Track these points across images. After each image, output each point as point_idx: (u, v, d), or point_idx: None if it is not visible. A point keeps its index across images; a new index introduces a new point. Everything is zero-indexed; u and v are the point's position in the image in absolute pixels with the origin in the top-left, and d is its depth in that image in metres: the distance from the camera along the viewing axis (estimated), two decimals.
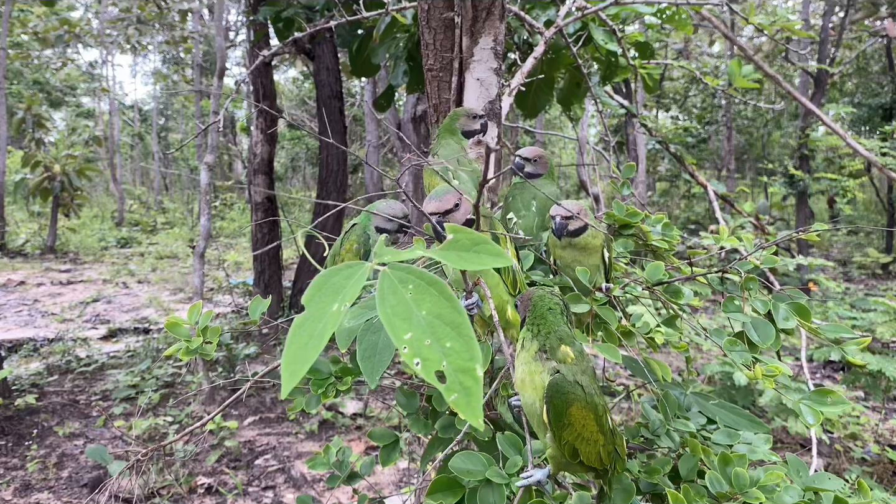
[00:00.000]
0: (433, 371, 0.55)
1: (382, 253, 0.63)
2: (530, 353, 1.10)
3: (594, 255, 1.40)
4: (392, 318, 0.57)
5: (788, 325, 1.29)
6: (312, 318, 0.58)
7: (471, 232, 0.65)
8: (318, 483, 4.42)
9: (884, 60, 14.96)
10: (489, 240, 0.64)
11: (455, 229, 0.65)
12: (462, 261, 0.62)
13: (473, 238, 0.64)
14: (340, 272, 0.61)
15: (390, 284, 0.59)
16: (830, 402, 1.20)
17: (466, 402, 0.54)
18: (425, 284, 0.59)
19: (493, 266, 0.62)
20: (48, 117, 16.95)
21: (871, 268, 12.50)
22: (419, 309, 0.57)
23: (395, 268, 0.60)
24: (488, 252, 0.63)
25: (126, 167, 29.80)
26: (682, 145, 15.42)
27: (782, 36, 3.28)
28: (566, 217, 1.36)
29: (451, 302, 0.58)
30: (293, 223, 12.26)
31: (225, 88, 16.19)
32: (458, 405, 0.54)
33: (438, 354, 0.55)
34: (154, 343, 7.18)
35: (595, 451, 1.07)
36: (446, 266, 1.24)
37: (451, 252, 0.63)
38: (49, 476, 4.37)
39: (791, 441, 4.64)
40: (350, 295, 0.58)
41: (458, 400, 0.54)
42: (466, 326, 0.57)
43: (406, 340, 0.55)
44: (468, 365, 0.55)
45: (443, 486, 1.09)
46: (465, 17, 1.98)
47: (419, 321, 0.57)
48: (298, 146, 23.17)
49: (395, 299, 0.58)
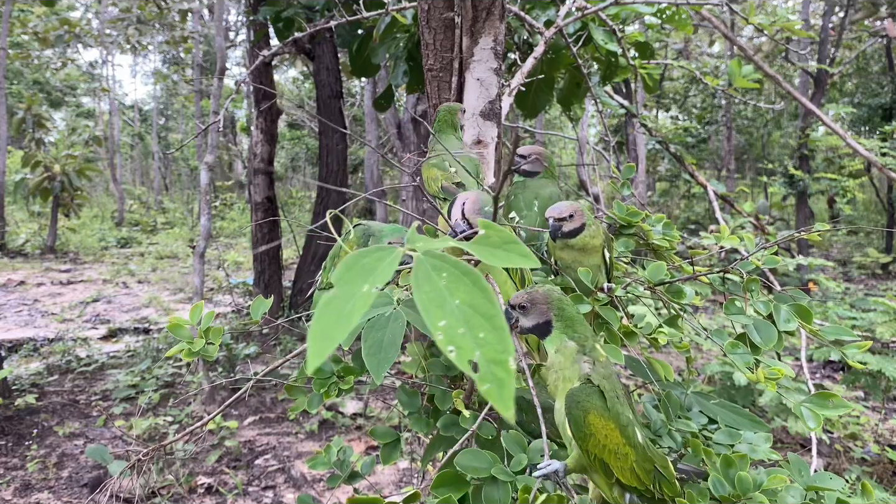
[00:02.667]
0: (466, 360, 0.55)
1: (414, 239, 0.63)
2: (568, 358, 1.07)
3: (594, 255, 1.40)
4: (427, 304, 0.57)
5: (790, 327, 1.29)
6: (342, 298, 0.57)
7: (503, 230, 0.65)
8: (319, 483, 4.42)
9: (884, 60, 14.96)
10: (518, 239, 0.65)
11: (487, 225, 0.66)
12: (493, 257, 0.63)
13: (504, 236, 0.64)
14: (371, 254, 0.61)
15: (424, 271, 0.59)
16: (831, 404, 1.20)
17: (499, 393, 0.54)
18: (459, 273, 0.59)
19: (523, 266, 0.62)
20: (48, 117, 16.94)
21: (871, 268, 12.51)
22: (452, 297, 0.57)
23: (429, 255, 0.60)
24: (517, 252, 0.63)
25: (126, 167, 29.80)
26: (682, 145, 15.42)
27: (782, 36, 3.28)
28: (559, 219, 1.36)
29: (485, 293, 0.58)
30: (293, 223, 12.26)
31: (225, 88, 16.17)
32: (491, 395, 0.54)
33: (472, 344, 0.55)
34: (154, 343, 7.18)
35: (628, 467, 1.03)
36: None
37: (483, 247, 0.64)
38: (49, 476, 4.37)
39: (791, 441, 4.65)
40: (382, 277, 0.58)
41: (491, 390, 0.54)
42: (500, 318, 0.57)
43: (441, 328, 0.56)
44: (501, 357, 0.55)
45: (447, 481, 1.09)
46: (465, 17, 1.98)
47: (453, 309, 0.57)
48: (298, 146, 23.17)
49: (430, 286, 0.58)
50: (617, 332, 1.32)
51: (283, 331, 7.32)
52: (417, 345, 1.48)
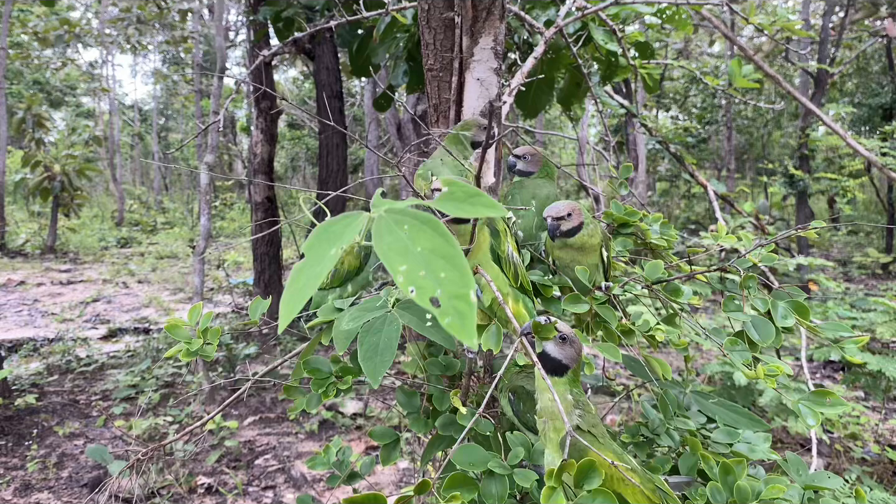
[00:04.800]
0: (427, 297, 0.56)
1: (379, 203, 0.65)
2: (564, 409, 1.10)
3: (592, 254, 1.40)
4: (388, 252, 0.59)
5: (787, 323, 1.29)
6: (310, 263, 0.61)
7: (466, 184, 0.67)
8: (318, 483, 4.42)
9: (884, 60, 14.95)
10: (483, 192, 0.66)
11: (450, 182, 0.67)
12: (458, 210, 0.64)
13: (468, 190, 0.66)
14: (339, 221, 0.64)
15: (386, 225, 0.61)
16: (830, 403, 1.21)
17: (461, 325, 0.56)
18: (420, 223, 0.61)
19: (489, 214, 0.65)
20: (48, 117, 16.95)
21: (871, 268, 12.50)
22: (415, 245, 0.59)
23: (391, 212, 0.62)
24: (483, 203, 0.65)
25: (126, 167, 29.80)
26: (682, 145, 15.41)
27: (782, 36, 3.27)
28: (557, 218, 1.36)
29: (446, 237, 0.60)
30: (293, 223, 12.25)
31: (225, 89, 16.19)
32: (453, 327, 0.56)
33: (433, 284, 0.57)
34: (154, 343, 7.18)
35: (638, 491, 1.05)
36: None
37: (448, 202, 0.65)
38: (49, 476, 4.37)
39: (791, 441, 4.65)
40: (347, 240, 0.61)
41: (453, 322, 0.56)
42: (460, 258, 0.59)
43: (401, 271, 0.57)
44: (462, 291, 0.57)
45: (458, 483, 1.09)
46: (465, 17, 1.98)
47: (414, 255, 0.59)
48: (298, 146, 23.17)
49: (392, 237, 0.60)
50: (615, 330, 1.33)
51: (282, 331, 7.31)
52: (416, 345, 1.49)
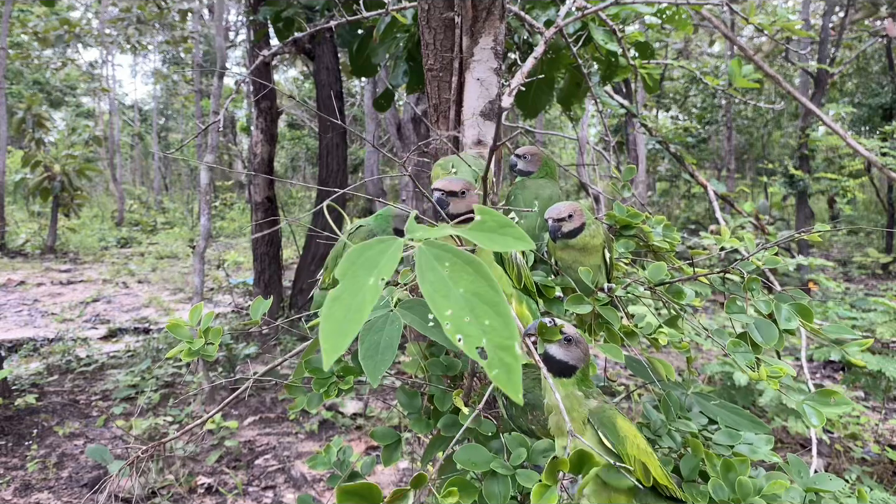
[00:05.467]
0: (474, 347, 0.56)
1: (414, 229, 0.63)
2: (575, 404, 1.11)
3: (594, 255, 1.40)
4: (433, 294, 0.58)
5: (791, 326, 1.29)
6: (349, 292, 0.58)
7: (498, 214, 0.66)
8: (319, 483, 4.42)
9: (884, 60, 14.95)
10: (513, 223, 0.65)
11: (482, 211, 0.66)
12: (490, 241, 0.64)
13: (500, 220, 0.65)
14: (373, 247, 0.62)
15: (427, 261, 0.60)
16: (833, 402, 1.20)
17: (507, 379, 0.56)
18: (461, 263, 0.60)
19: (520, 248, 0.64)
20: (48, 117, 16.94)
21: (871, 268, 12.50)
22: (456, 286, 0.58)
23: (430, 244, 0.61)
24: (514, 235, 0.64)
25: (126, 167, 29.80)
26: (682, 145, 15.41)
27: (782, 36, 3.27)
28: (558, 219, 1.36)
29: (488, 281, 0.59)
30: (293, 223, 12.25)
31: (225, 89, 16.17)
32: (500, 380, 0.56)
33: (478, 332, 0.56)
34: (154, 343, 7.18)
35: (659, 465, 1.06)
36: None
37: (480, 233, 0.65)
38: (49, 476, 4.37)
39: (791, 441, 4.64)
40: (386, 270, 0.59)
41: (499, 375, 0.56)
42: (504, 305, 0.58)
43: (448, 317, 0.57)
44: (507, 343, 0.57)
45: (457, 486, 1.09)
46: (465, 17, 1.98)
47: (457, 298, 0.58)
48: (298, 146, 23.17)
49: (434, 276, 0.59)
50: (617, 331, 1.32)
51: (283, 331, 7.32)
52: (417, 345, 1.48)
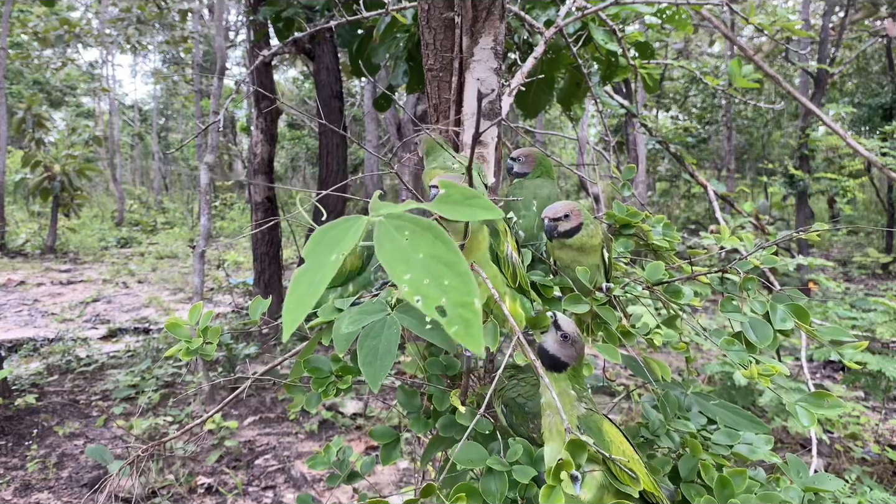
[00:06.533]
0: (433, 306, 0.57)
1: (377, 207, 0.65)
2: (567, 403, 1.11)
3: (593, 254, 1.39)
4: (391, 261, 0.59)
5: (786, 327, 1.29)
6: (312, 269, 0.60)
7: (463, 186, 0.67)
8: (318, 483, 4.42)
9: (884, 60, 14.95)
10: (480, 194, 0.65)
11: (447, 184, 0.67)
12: (455, 212, 0.64)
13: (465, 192, 0.66)
14: (338, 226, 0.63)
15: (387, 232, 0.61)
16: (826, 404, 1.20)
17: (467, 333, 0.56)
18: (421, 230, 0.61)
19: (485, 217, 0.65)
20: (48, 117, 16.95)
21: (871, 268, 12.50)
22: (416, 252, 0.59)
23: (390, 217, 0.62)
24: (480, 205, 0.65)
25: (126, 167, 29.81)
26: (682, 145, 15.42)
27: (782, 36, 3.27)
28: (555, 219, 1.36)
29: (447, 244, 0.60)
30: (293, 223, 12.25)
31: (225, 89, 16.18)
32: (459, 336, 0.57)
33: (437, 292, 0.57)
34: (154, 343, 7.18)
35: (644, 472, 1.05)
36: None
37: (445, 205, 0.65)
38: (49, 476, 4.37)
39: (791, 441, 4.65)
40: (347, 245, 0.61)
41: (459, 331, 0.57)
42: (463, 264, 0.59)
43: (406, 280, 0.57)
44: (466, 299, 0.57)
45: (465, 492, 1.09)
46: (465, 17, 1.98)
47: (416, 263, 0.58)
48: (298, 146, 23.17)
49: (393, 245, 0.60)
50: (615, 331, 1.32)
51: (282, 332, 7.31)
52: (416, 345, 1.48)
